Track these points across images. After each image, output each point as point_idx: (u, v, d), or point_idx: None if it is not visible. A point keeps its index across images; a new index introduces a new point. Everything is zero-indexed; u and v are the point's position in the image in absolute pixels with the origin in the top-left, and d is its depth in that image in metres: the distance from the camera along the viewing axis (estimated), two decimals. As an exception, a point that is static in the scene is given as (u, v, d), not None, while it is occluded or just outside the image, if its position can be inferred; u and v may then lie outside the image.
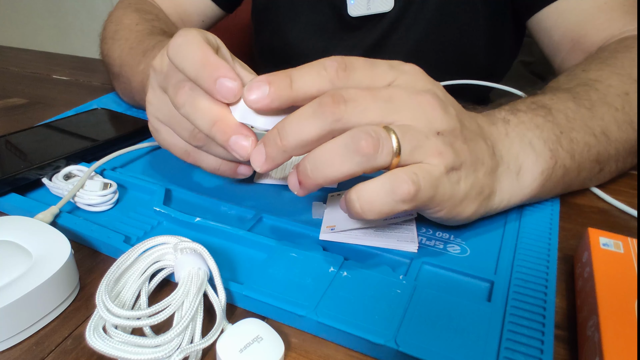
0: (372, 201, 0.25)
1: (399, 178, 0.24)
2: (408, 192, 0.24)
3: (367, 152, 0.24)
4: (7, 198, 0.36)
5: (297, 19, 0.67)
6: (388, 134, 0.25)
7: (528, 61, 1.05)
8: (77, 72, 0.75)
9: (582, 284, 0.27)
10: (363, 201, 0.25)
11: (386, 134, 0.25)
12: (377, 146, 0.24)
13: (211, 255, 0.26)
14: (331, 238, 0.31)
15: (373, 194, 0.25)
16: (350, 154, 0.24)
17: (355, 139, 0.24)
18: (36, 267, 0.26)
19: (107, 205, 0.35)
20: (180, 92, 0.29)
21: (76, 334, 0.25)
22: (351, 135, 0.24)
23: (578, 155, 0.34)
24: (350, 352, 0.25)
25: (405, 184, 0.24)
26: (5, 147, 0.40)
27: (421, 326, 0.24)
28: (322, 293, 0.26)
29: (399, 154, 0.25)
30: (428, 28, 0.61)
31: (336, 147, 0.25)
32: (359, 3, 0.61)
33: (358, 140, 0.24)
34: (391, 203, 0.25)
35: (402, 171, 0.25)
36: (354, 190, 0.25)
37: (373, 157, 0.24)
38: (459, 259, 0.30)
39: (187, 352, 0.22)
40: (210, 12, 0.69)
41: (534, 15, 0.55)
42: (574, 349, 0.25)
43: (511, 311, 0.25)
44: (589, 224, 0.35)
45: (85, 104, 0.56)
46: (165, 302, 0.24)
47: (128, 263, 0.26)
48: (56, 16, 2.02)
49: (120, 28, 0.55)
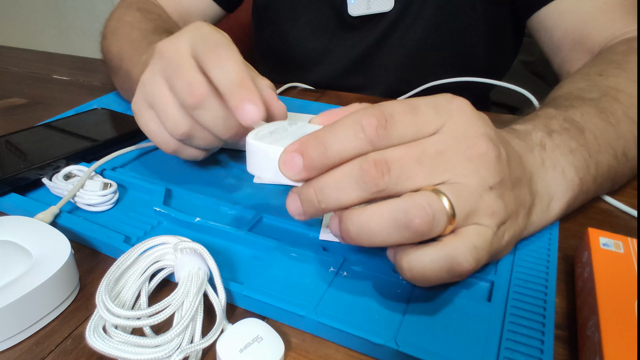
0: (427, 274, 0.23)
1: (459, 254, 0.22)
2: (468, 269, 0.23)
3: (421, 230, 0.22)
4: (7, 198, 0.36)
5: (297, 19, 0.67)
6: (440, 200, 0.22)
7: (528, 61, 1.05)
8: (77, 72, 0.75)
9: (582, 284, 0.27)
10: (416, 272, 0.23)
11: (440, 206, 0.22)
12: (432, 223, 0.22)
13: (211, 255, 0.26)
14: (331, 238, 0.31)
15: (428, 268, 0.23)
16: (401, 228, 0.22)
17: (408, 215, 0.22)
18: (36, 267, 0.26)
19: (107, 205, 0.35)
20: (197, 93, 0.30)
21: (76, 334, 0.25)
22: (403, 210, 0.22)
23: (600, 179, 0.34)
24: (350, 352, 0.25)
25: (467, 262, 0.23)
26: (5, 147, 0.40)
27: (421, 326, 0.24)
28: (322, 293, 0.26)
29: (452, 219, 0.23)
30: (428, 28, 0.62)
31: (386, 218, 0.22)
32: (359, 3, 0.61)
33: (411, 217, 0.21)
34: (448, 276, 0.23)
35: (461, 244, 0.23)
36: (405, 258, 0.23)
37: (426, 232, 0.22)
38: (459, 259, 0.30)
39: (187, 352, 0.22)
40: (212, 11, 0.69)
41: (534, 15, 0.55)
42: (574, 349, 0.25)
43: (511, 311, 0.25)
44: (589, 224, 0.35)
45: (85, 104, 0.56)
46: (165, 302, 0.24)
47: (128, 263, 0.26)
48: (56, 16, 2.02)
49: (122, 25, 0.55)
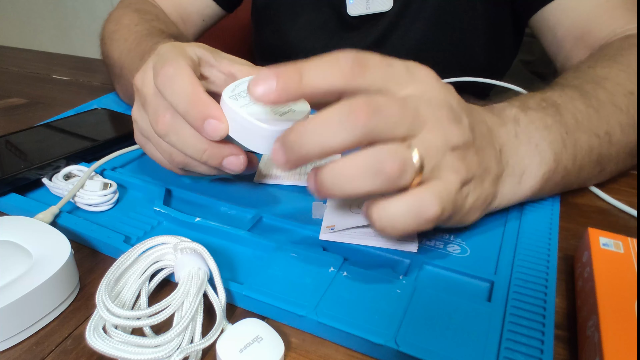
0: (396, 223, 0.24)
1: (425, 200, 0.24)
2: (435, 214, 0.24)
3: (392, 175, 0.23)
4: (7, 198, 0.36)
5: (297, 19, 0.67)
6: (411, 152, 0.24)
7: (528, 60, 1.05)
8: (77, 72, 0.75)
9: (582, 284, 0.27)
10: (385, 222, 0.24)
11: (410, 156, 0.24)
12: (402, 169, 0.23)
13: (211, 255, 0.26)
14: (331, 238, 0.31)
15: (397, 216, 0.24)
16: (373, 174, 0.23)
17: (381, 161, 0.23)
18: (36, 267, 0.26)
19: (107, 205, 0.35)
20: (161, 121, 0.30)
21: (76, 334, 0.25)
22: (376, 156, 0.23)
23: (580, 158, 0.34)
24: (350, 352, 0.25)
25: (433, 207, 0.24)
26: (5, 147, 0.40)
27: (421, 326, 0.24)
28: (322, 293, 0.26)
29: (420, 172, 0.24)
30: (427, 27, 0.61)
31: (360, 165, 0.23)
32: (358, 2, 0.61)
33: (384, 163, 0.23)
34: (415, 224, 0.24)
35: (427, 192, 0.24)
36: (375, 210, 0.24)
37: (397, 179, 0.23)
38: (459, 259, 0.30)
39: (187, 352, 0.22)
40: (211, 11, 0.69)
41: (536, 13, 0.55)
42: (574, 349, 0.25)
43: (511, 311, 0.25)
44: (589, 224, 0.35)
45: (85, 104, 0.56)
46: (165, 302, 0.24)
47: (128, 263, 0.26)
48: (56, 16, 2.02)
49: (119, 28, 0.55)
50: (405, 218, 0.24)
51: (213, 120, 0.28)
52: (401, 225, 0.24)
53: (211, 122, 0.28)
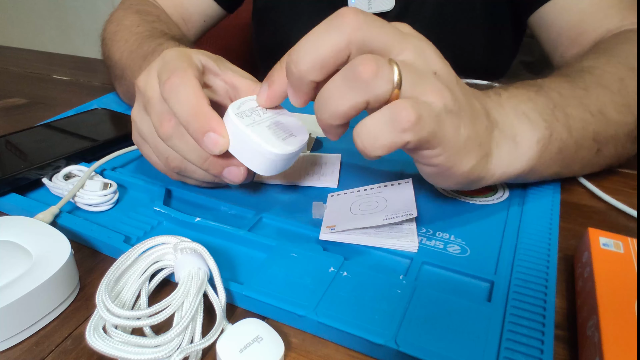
0: (374, 134, 0.24)
1: (398, 105, 0.24)
2: (408, 119, 0.24)
3: (366, 77, 0.23)
4: (7, 198, 0.36)
5: (297, 19, 0.67)
6: (390, 63, 0.24)
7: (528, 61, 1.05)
8: (78, 72, 0.75)
9: (582, 284, 0.27)
10: (364, 136, 0.24)
11: (386, 63, 0.24)
12: (376, 71, 0.23)
13: (211, 255, 0.26)
14: (331, 238, 0.31)
15: (373, 127, 0.24)
16: (349, 82, 0.24)
17: (354, 65, 0.24)
18: (36, 267, 0.26)
19: (107, 205, 0.35)
20: (166, 125, 0.30)
21: (76, 334, 0.25)
22: (351, 64, 0.24)
23: (575, 130, 0.34)
24: (350, 352, 0.25)
25: (405, 111, 0.23)
26: (5, 147, 0.40)
27: (421, 326, 0.24)
28: (322, 293, 0.26)
29: (399, 87, 0.24)
30: (428, 28, 0.61)
31: (337, 78, 0.24)
32: (360, 2, 0.61)
33: (356, 66, 0.23)
34: (393, 134, 0.24)
35: (401, 100, 0.24)
36: (357, 128, 0.25)
37: (372, 83, 0.24)
38: (459, 259, 0.30)
39: (187, 352, 0.22)
40: (212, 12, 0.69)
41: (535, 12, 0.55)
42: (574, 349, 0.25)
43: (511, 311, 0.25)
44: (589, 224, 0.35)
45: (85, 104, 0.56)
46: (165, 302, 0.24)
47: (128, 263, 0.26)
48: (57, 16, 2.02)
49: (120, 29, 0.55)
50: (382, 127, 0.24)
51: (213, 134, 0.28)
52: (380, 136, 0.24)
53: (211, 135, 0.28)
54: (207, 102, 0.29)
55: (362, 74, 0.23)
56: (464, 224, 0.34)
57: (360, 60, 0.24)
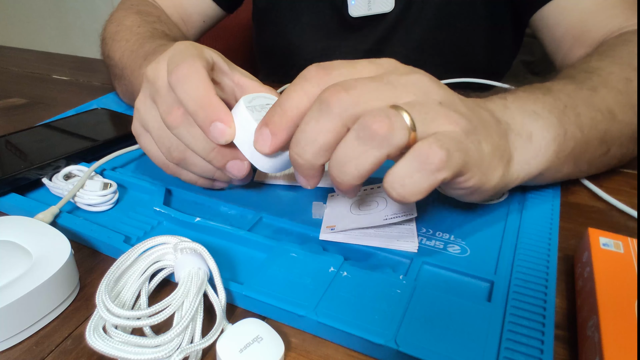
0: (410, 184, 0.23)
1: (424, 149, 0.23)
2: (440, 158, 0.23)
3: (382, 132, 0.23)
4: (7, 198, 0.36)
5: (298, 20, 0.67)
6: (398, 112, 0.24)
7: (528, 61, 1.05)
8: (77, 72, 0.75)
9: (582, 284, 0.27)
10: (399, 187, 0.23)
11: (395, 111, 0.24)
12: (390, 124, 0.23)
13: (211, 255, 0.26)
14: (331, 238, 0.31)
15: (406, 176, 0.23)
16: (365, 142, 0.23)
17: (367, 125, 0.23)
18: (36, 267, 0.26)
19: (107, 205, 0.35)
20: (174, 114, 0.30)
21: (76, 334, 0.25)
22: (361, 123, 0.23)
23: (587, 129, 0.34)
24: (350, 352, 0.25)
25: (433, 151, 0.23)
26: (5, 147, 0.40)
27: (421, 326, 0.24)
28: (322, 293, 0.26)
29: (414, 129, 0.24)
30: (428, 28, 0.62)
31: (350, 140, 0.24)
32: (360, 3, 0.61)
33: (370, 125, 0.23)
34: (429, 177, 0.23)
35: (425, 142, 0.23)
36: (386, 180, 0.24)
37: (389, 137, 0.23)
38: (459, 259, 0.30)
39: (187, 352, 0.22)
40: (212, 12, 0.69)
41: (537, 13, 0.55)
42: (574, 349, 0.25)
43: (511, 311, 0.25)
44: (589, 224, 0.35)
45: (85, 104, 0.56)
46: (165, 302, 0.24)
47: (128, 263, 0.26)
48: (57, 16, 2.02)
49: (121, 29, 0.55)
50: (413, 174, 0.23)
51: (220, 123, 0.28)
52: (412, 183, 0.23)
53: (218, 125, 0.28)
54: (215, 93, 0.29)
55: (379, 131, 0.23)
56: (464, 224, 0.34)
57: (371, 118, 0.23)
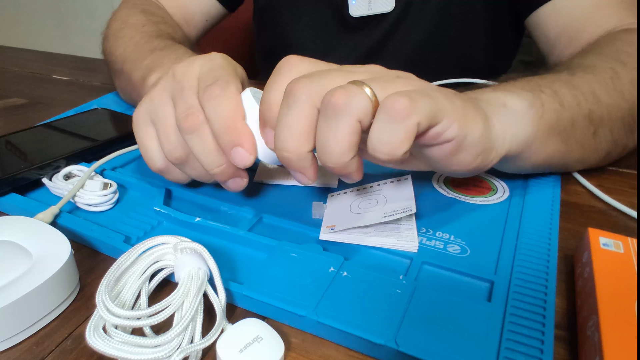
0: (384, 139, 0.24)
1: (388, 102, 0.24)
2: (404, 104, 0.23)
3: (342, 102, 0.24)
4: (7, 198, 0.36)
5: (298, 19, 0.67)
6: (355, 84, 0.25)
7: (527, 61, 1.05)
8: (77, 72, 0.75)
9: (582, 284, 0.27)
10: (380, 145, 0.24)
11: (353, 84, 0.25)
12: (347, 93, 0.24)
13: (211, 255, 0.26)
14: (331, 238, 0.31)
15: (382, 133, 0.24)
16: (332, 117, 0.24)
17: (328, 101, 0.24)
18: (36, 267, 0.26)
19: (107, 205, 0.35)
20: (192, 119, 0.30)
21: (76, 334, 0.25)
22: (324, 102, 0.24)
23: (568, 105, 0.34)
24: (350, 352, 0.25)
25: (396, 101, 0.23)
26: (5, 147, 0.40)
27: (421, 326, 0.24)
28: (322, 293, 0.26)
29: (375, 96, 0.24)
30: (428, 28, 0.62)
31: (321, 122, 0.25)
32: (360, 3, 0.61)
33: (330, 100, 0.24)
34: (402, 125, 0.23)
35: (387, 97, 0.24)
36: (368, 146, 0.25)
37: (349, 103, 0.24)
38: (459, 259, 0.30)
39: (187, 352, 0.22)
40: (214, 11, 0.69)
41: (533, 14, 0.55)
42: (574, 349, 0.25)
43: (511, 311, 0.25)
44: (589, 224, 0.35)
45: (85, 104, 0.56)
46: (165, 302, 0.24)
47: (128, 263, 0.26)
48: (57, 16, 2.02)
49: (126, 27, 0.55)
50: (386, 128, 0.24)
51: (242, 149, 0.29)
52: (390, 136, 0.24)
53: (240, 150, 0.29)
54: (243, 117, 0.30)
55: (339, 101, 0.24)
56: (464, 224, 0.34)
57: (328, 95, 0.24)
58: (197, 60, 0.33)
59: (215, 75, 0.31)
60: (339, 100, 0.24)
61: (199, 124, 0.30)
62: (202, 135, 0.30)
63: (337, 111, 0.24)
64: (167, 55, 0.46)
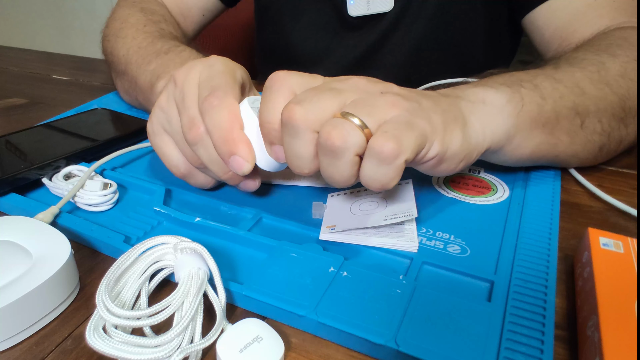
0: (379, 178, 0.26)
1: (376, 146, 0.25)
2: (391, 149, 0.25)
3: (338, 144, 0.25)
4: (7, 198, 0.36)
5: (298, 19, 0.67)
6: (345, 118, 0.26)
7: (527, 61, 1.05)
8: (77, 72, 0.75)
9: (582, 284, 0.27)
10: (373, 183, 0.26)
11: (343, 119, 0.26)
12: (342, 134, 0.25)
13: (211, 255, 0.26)
14: (331, 238, 0.31)
15: (374, 173, 0.26)
16: (331, 156, 0.26)
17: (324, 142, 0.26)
18: (36, 267, 0.26)
19: (107, 205, 0.35)
20: (195, 131, 0.31)
21: (76, 334, 0.25)
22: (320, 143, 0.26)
23: (550, 97, 0.35)
24: (350, 352, 0.25)
25: (384, 146, 0.25)
26: (5, 147, 0.40)
27: (421, 326, 0.24)
28: (322, 293, 0.26)
29: (365, 126, 0.26)
30: (427, 28, 0.62)
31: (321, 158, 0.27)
32: (359, 3, 0.61)
33: (326, 142, 0.25)
34: (391, 166, 0.25)
35: (374, 138, 0.25)
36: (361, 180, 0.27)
37: (345, 144, 0.25)
38: (459, 259, 0.30)
39: (187, 352, 0.22)
40: (212, 6, 0.69)
41: (528, 14, 0.56)
42: (574, 349, 0.25)
43: (511, 311, 0.25)
44: (589, 224, 0.35)
45: (85, 104, 0.56)
46: (165, 302, 0.24)
47: (128, 263, 0.26)
48: (56, 16, 2.02)
49: (126, 26, 0.55)
50: (377, 169, 0.26)
51: (239, 158, 0.30)
52: (381, 175, 0.26)
53: (237, 158, 0.30)
54: (240, 126, 0.30)
55: (335, 144, 0.25)
56: (464, 224, 0.34)
57: (325, 136, 0.26)
58: (197, 66, 0.33)
59: (214, 84, 0.31)
60: (335, 143, 0.25)
61: (201, 135, 0.31)
62: (205, 146, 0.31)
63: (335, 152, 0.26)
64: (172, 59, 0.46)
